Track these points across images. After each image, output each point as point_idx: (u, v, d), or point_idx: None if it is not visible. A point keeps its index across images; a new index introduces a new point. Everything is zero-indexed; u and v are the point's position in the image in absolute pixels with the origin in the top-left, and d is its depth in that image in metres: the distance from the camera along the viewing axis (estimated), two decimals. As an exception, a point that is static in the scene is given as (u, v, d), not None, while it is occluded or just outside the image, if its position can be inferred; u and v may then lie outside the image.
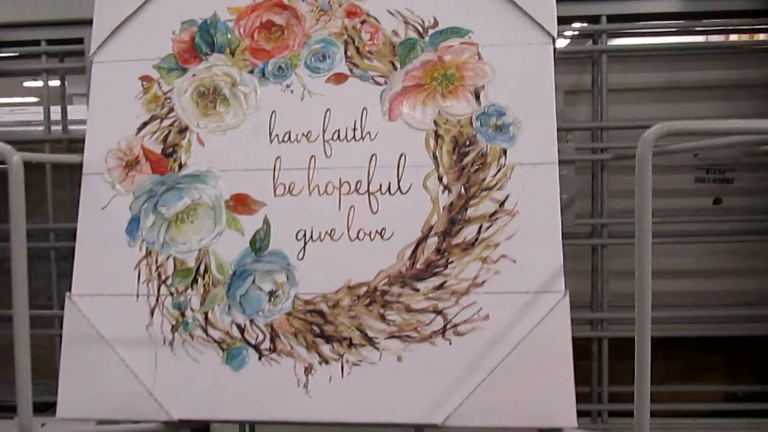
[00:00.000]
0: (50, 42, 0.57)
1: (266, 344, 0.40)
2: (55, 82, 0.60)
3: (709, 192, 0.59)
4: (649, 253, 0.24)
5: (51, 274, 0.59)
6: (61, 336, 0.57)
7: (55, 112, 0.59)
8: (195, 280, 0.41)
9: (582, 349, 0.46)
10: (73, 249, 0.60)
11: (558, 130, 0.41)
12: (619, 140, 0.54)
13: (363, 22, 0.43)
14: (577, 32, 0.57)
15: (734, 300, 0.58)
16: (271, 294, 0.40)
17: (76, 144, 0.59)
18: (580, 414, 0.39)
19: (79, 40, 0.56)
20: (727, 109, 0.57)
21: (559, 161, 0.41)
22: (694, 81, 0.58)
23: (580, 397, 0.38)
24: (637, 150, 0.26)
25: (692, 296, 0.58)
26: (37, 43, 0.57)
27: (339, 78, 0.43)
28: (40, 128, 0.59)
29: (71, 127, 0.60)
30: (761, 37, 0.62)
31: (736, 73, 0.58)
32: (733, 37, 0.65)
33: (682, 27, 0.57)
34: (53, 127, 0.59)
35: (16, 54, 0.59)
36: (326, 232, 0.41)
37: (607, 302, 0.54)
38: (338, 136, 0.42)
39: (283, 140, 0.42)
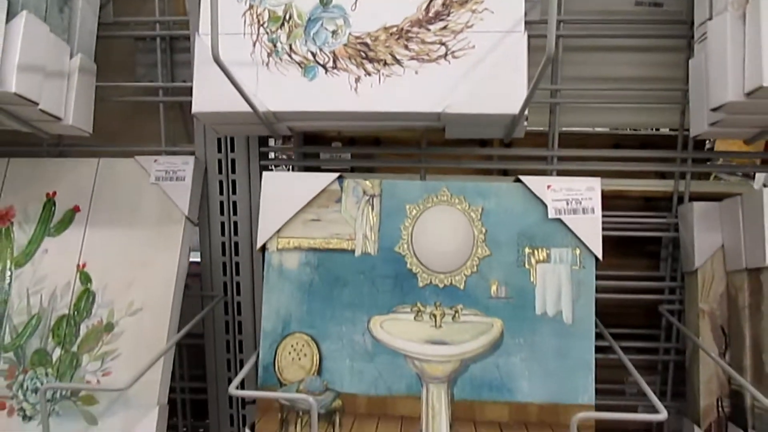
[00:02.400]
0: None
1: (330, 63, 0.61)
2: None
3: (647, 13, 0.79)
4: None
5: (156, 62, 0.80)
6: (165, 102, 0.80)
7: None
8: (282, 24, 0.62)
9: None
10: (171, 38, 0.81)
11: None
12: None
13: None
14: None
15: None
16: (334, 32, 0.61)
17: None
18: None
19: None
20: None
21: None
22: None
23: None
24: None
25: (633, 98, 0.78)
26: None
27: None
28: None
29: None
30: None
31: None
32: None
33: None
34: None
35: None
36: (371, -6, 0.61)
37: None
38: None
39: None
